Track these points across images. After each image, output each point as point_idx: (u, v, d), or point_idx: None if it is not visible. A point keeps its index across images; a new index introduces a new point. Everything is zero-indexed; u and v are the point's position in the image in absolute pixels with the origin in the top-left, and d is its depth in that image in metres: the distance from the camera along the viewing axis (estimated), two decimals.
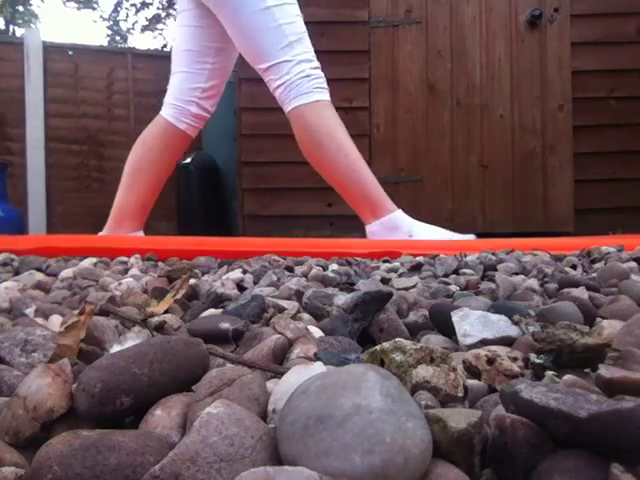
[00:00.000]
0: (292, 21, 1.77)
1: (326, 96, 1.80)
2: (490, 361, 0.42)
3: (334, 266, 1.12)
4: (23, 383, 0.37)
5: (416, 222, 1.84)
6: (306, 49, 1.80)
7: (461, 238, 1.81)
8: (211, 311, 0.67)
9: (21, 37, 4.72)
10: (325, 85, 1.81)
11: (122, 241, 1.63)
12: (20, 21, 11.91)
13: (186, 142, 2.03)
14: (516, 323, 0.55)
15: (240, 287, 0.89)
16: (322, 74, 1.82)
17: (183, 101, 1.95)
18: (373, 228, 1.83)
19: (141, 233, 2.01)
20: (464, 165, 3.34)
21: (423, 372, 0.38)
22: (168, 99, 1.99)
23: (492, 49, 3.34)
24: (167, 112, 1.97)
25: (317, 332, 0.56)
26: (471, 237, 1.86)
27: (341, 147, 1.80)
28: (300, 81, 1.76)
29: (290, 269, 1.10)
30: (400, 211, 1.86)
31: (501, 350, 0.44)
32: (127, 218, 1.96)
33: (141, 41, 23.01)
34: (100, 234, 1.99)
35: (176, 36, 2.01)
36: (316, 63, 1.81)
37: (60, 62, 4.51)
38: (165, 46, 11.28)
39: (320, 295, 0.70)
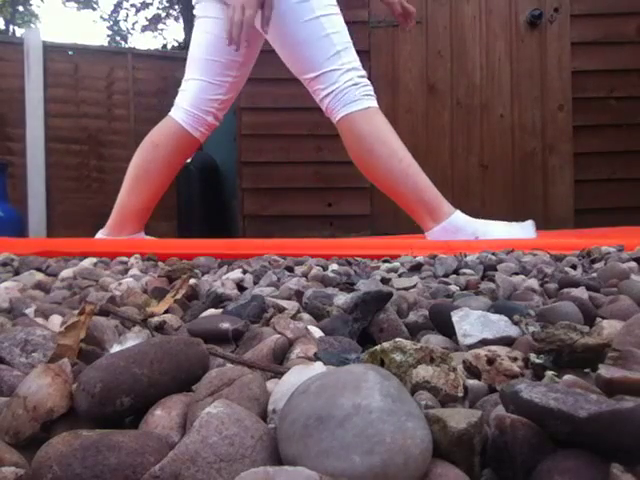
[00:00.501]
0: (339, 30, 1.77)
1: (375, 103, 1.79)
2: (490, 361, 0.42)
3: (334, 266, 1.12)
4: (23, 383, 0.37)
5: (477, 220, 1.81)
6: (353, 58, 1.80)
7: (524, 228, 1.81)
8: (211, 311, 0.67)
9: (21, 37, 4.72)
10: (372, 92, 1.80)
11: (123, 244, 1.63)
12: (20, 21, 11.92)
13: (195, 148, 2.02)
14: (516, 323, 0.55)
15: (240, 287, 0.89)
16: (369, 82, 1.81)
17: (202, 110, 1.92)
18: (435, 234, 1.80)
19: (142, 234, 2.01)
20: (464, 165, 3.34)
21: (423, 372, 0.38)
22: (183, 105, 1.94)
23: (492, 49, 3.34)
24: (181, 118, 1.93)
25: (317, 332, 0.56)
26: (530, 223, 1.85)
27: (394, 152, 1.78)
28: (349, 89, 1.76)
29: (290, 269, 1.10)
30: (458, 212, 1.82)
31: (501, 350, 0.44)
32: (130, 220, 1.95)
33: (141, 41, 23.03)
34: (99, 234, 1.98)
35: (196, 41, 1.96)
36: (363, 72, 1.81)
37: (60, 62, 4.51)
38: (165, 46, 11.28)
39: (320, 295, 0.70)
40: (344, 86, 1.76)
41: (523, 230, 1.82)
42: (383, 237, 2.45)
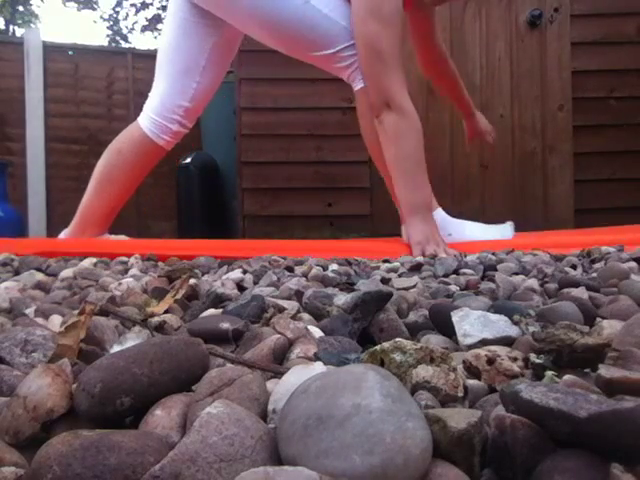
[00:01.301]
0: (336, 6, 1.73)
1: None
2: (490, 361, 0.42)
3: (334, 266, 1.12)
4: (23, 383, 0.37)
5: (456, 220, 1.80)
6: None
7: (501, 230, 1.80)
8: (211, 311, 0.67)
9: (21, 37, 4.72)
10: None
11: (124, 246, 1.63)
12: (20, 21, 11.91)
13: (161, 155, 1.96)
14: (516, 323, 0.55)
15: (240, 287, 0.89)
16: None
17: (166, 118, 1.87)
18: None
19: (107, 235, 1.96)
20: (464, 165, 3.34)
21: (423, 372, 0.38)
22: (149, 112, 1.89)
23: (492, 49, 3.34)
24: (146, 125, 1.88)
25: (317, 332, 0.56)
26: (509, 225, 1.85)
27: None
28: None
29: (290, 269, 1.10)
30: (440, 209, 1.81)
31: (501, 350, 0.44)
32: (92, 223, 1.92)
33: (141, 41, 23.01)
34: (62, 234, 1.94)
35: (166, 38, 1.89)
36: None
37: (60, 62, 4.51)
38: None
39: (320, 295, 0.70)
40: None
41: (500, 232, 1.81)
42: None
